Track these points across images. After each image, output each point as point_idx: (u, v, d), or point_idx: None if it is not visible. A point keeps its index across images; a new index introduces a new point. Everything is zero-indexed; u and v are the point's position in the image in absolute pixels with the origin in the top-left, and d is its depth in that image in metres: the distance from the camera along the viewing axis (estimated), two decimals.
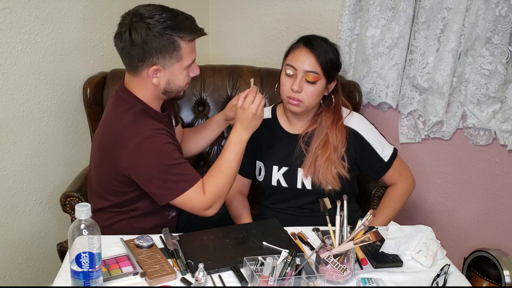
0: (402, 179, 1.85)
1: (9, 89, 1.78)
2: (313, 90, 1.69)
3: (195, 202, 1.55)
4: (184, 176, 1.54)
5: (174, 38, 1.50)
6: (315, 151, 1.74)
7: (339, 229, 1.38)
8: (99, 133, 1.63)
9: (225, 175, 1.59)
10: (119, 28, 1.53)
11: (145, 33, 1.48)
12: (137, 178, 1.54)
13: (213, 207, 1.58)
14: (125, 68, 1.59)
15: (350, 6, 2.27)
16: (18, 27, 1.76)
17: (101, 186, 1.65)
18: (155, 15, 1.49)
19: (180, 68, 1.56)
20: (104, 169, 1.62)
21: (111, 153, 1.55)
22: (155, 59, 1.51)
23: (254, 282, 1.31)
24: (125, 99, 1.59)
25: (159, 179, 1.53)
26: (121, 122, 1.55)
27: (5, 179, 1.83)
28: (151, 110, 1.60)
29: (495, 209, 2.20)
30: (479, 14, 1.96)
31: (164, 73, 1.55)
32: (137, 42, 1.49)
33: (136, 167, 1.52)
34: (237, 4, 2.61)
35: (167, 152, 1.54)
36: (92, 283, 1.21)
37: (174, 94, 1.62)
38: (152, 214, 1.69)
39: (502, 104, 2.05)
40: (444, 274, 1.41)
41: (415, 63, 2.15)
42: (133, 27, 1.49)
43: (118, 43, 1.54)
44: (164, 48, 1.50)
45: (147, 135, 1.52)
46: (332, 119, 1.75)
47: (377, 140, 1.79)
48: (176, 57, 1.53)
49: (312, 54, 1.68)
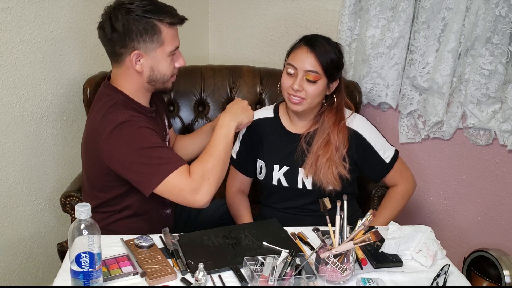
0: (403, 181, 1.85)
1: (9, 89, 1.78)
2: (314, 89, 1.69)
3: (181, 184, 1.46)
4: (166, 159, 1.48)
5: (154, 22, 1.53)
6: (316, 151, 1.74)
7: (339, 229, 1.38)
8: (84, 130, 1.64)
9: (211, 157, 1.54)
10: (101, 19, 1.57)
11: (125, 18, 1.51)
12: (118, 167, 1.50)
13: (201, 190, 1.47)
14: (111, 61, 1.61)
15: (350, 6, 2.27)
16: (18, 27, 1.76)
17: (90, 183, 1.65)
18: (135, 1, 1.53)
19: (163, 53, 1.57)
20: (90, 165, 1.62)
21: (93, 146, 1.54)
22: (136, 43, 1.53)
23: (254, 282, 1.31)
24: (108, 93, 1.60)
25: (138, 164, 1.47)
26: (100, 113, 1.55)
27: (5, 179, 1.83)
28: (133, 102, 1.60)
29: (495, 209, 2.20)
30: (479, 14, 1.96)
31: (146, 59, 1.56)
32: (118, 28, 1.51)
33: (115, 154, 1.49)
34: (237, 4, 2.62)
35: (144, 135, 1.50)
36: (92, 283, 1.21)
37: (160, 84, 1.62)
38: (145, 213, 1.67)
39: (502, 104, 2.05)
40: (444, 274, 1.41)
41: (415, 63, 2.15)
42: (113, 14, 1.53)
43: (101, 33, 1.57)
44: (144, 31, 1.52)
45: (123, 120, 1.49)
46: (334, 119, 1.75)
47: (379, 142, 1.79)
48: (157, 41, 1.54)
49: (313, 54, 1.68)
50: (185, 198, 1.49)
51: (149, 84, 1.61)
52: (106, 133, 1.49)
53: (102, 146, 1.50)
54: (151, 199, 1.58)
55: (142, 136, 1.50)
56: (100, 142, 1.50)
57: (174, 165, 1.48)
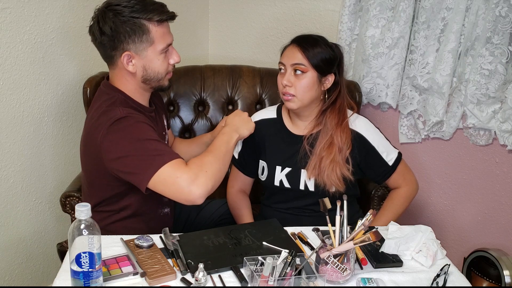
0: (406, 183, 1.85)
1: (9, 89, 1.78)
2: (303, 83, 1.68)
3: (176, 173, 1.42)
4: (161, 151, 1.46)
5: (141, 22, 1.51)
6: (320, 153, 1.74)
7: (339, 229, 1.38)
8: (83, 129, 1.64)
9: (211, 153, 1.54)
10: (91, 22, 1.56)
11: (111, 21, 1.50)
12: (115, 164, 1.48)
13: (197, 180, 1.42)
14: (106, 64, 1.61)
15: (350, 6, 2.27)
16: (18, 27, 1.76)
17: (88, 182, 1.65)
18: (122, 2, 1.52)
19: (154, 52, 1.56)
20: (88, 163, 1.62)
21: (92, 144, 1.53)
22: (126, 44, 1.52)
23: (254, 282, 1.31)
24: (106, 92, 1.60)
25: (134, 156, 1.45)
26: (98, 111, 1.55)
27: (5, 179, 1.83)
28: (132, 101, 1.60)
29: (495, 209, 2.20)
30: (479, 14, 1.96)
31: (138, 59, 1.55)
32: (106, 31, 1.51)
33: (113, 150, 1.48)
34: (237, 4, 2.62)
35: (141, 129, 1.49)
36: (92, 283, 1.21)
37: (155, 83, 1.61)
38: (143, 213, 1.67)
39: (502, 104, 2.05)
40: (444, 274, 1.41)
41: (415, 63, 2.15)
42: (101, 17, 1.52)
43: (92, 37, 1.57)
44: (132, 32, 1.51)
45: (121, 116, 1.49)
46: (337, 120, 1.74)
47: (382, 144, 1.79)
48: (147, 40, 1.53)
49: (298, 47, 1.69)
50: (180, 188, 1.42)
51: (144, 84, 1.60)
52: (104, 129, 1.48)
53: (101, 143, 1.49)
54: (149, 198, 1.57)
55: (140, 130, 1.49)
56: (98, 138, 1.49)
57: (170, 157, 1.44)
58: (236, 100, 2.26)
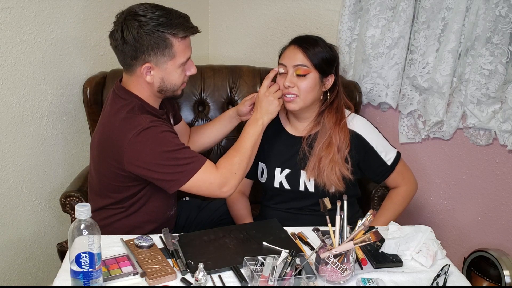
0: (405, 183, 1.85)
1: (9, 89, 1.78)
2: (306, 84, 1.69)
3: (210, 179, 1.53)
4: (191, 159, 1.53)
5: (166, 36, 1.51)
6: (318, 153, 1.74)
7: (339, 229, 1.38)
8: (98, 132, 1.63)
9: (238, 152, 1.60)
10: (113, 27, 1.55)
11: (136, 31, 1.49)
12: (143, 170, 1.52)
13: (228, 183, 1.55)
14: (122, 67, 1.60)
15: (350, 6, 2.27)
16: (18, 27, 1.76)
17: (102, 184, 1.65)
18: (147, 13, 1.51)
19: (174, 66, 1.56)
20: (104, 167, 1.61)
21: (111, 150, 1.55)
22: (147, 56, 1.52)
23: (254, 282, 1.31)
24: (122, 97, 1.59)
25: (165, 166, 1.51)
26: (118, 117, 1.55)
27: (5, 179, 1.83)
28: (148, 106, 1.61)
29: (495, 209, 2.20)
30: (479, 14, 1.96)
31: (157, 71, 1.55)
32: (129, 40, 1.50)
33: (140, 159, 1.51)
34: (237, 4, 2.62)
35: (167, 139, 1.53)
36: (92, 283, 1.21)
37: (170, 93, 1.62)
38: (151, 212, 1.68)
39: (502, 104, 2.05)
40: (444, 274, 1.41)
41: (415, 63, 2.15)
42: (125, 25, 1.50)
43: (112, 42, 1.56)
44: (155, 46, 1.51)
45: (144, 126, 1.51)
46: (335, 120, 1.75)
47: (381, 144, 1.79)
48: (169, 54, 1.53)
49: (300, 49, 1.69)
50: (213, 191, 1.55)
51: (159, 93, 1.61)
52: (130, 138, 1.50)
53: (125, 151, 1.51)
54: (160, 199, 1.62)
55: (166, 140, 1.53)
56: (122, 146, 1.51)
57: (199, 163, 1.53)
58: (236, 100, 2.26)
